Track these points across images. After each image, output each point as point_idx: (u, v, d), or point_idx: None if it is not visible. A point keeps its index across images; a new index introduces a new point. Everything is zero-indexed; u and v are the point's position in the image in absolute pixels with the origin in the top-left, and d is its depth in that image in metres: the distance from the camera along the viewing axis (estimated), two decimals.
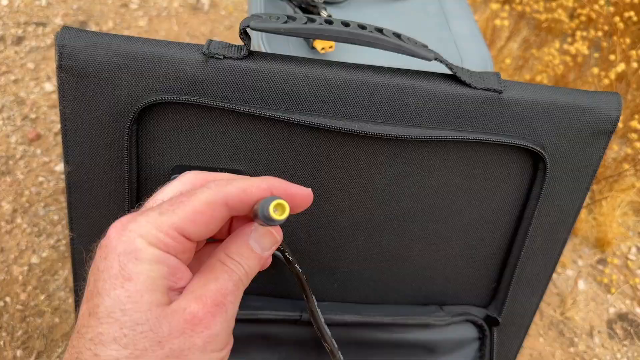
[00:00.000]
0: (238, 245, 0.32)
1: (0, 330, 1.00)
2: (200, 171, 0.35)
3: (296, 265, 0.39)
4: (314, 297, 0.50)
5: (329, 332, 0.54)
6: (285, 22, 0.45)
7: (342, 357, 0.55)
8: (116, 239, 0.29)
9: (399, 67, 0.50)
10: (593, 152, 0.53)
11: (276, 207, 0.30)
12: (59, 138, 1.32)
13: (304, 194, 0.34)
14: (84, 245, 0.54)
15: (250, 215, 0.33)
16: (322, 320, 0.53)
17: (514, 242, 0.57)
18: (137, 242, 0.29)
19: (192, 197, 0.30)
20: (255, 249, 0.33)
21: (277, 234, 0.34)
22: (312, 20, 0.45)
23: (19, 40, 1.53)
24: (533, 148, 0.51)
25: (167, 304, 0.29)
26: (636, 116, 1.43)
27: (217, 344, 0.29)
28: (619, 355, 1.16)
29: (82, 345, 0.28)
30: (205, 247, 0.37)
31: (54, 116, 1.36)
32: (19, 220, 1.16)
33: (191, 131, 0.48)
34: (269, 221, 0.30)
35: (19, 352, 0.98)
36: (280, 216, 0.30)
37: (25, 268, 1.09)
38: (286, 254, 0.37)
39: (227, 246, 0.32)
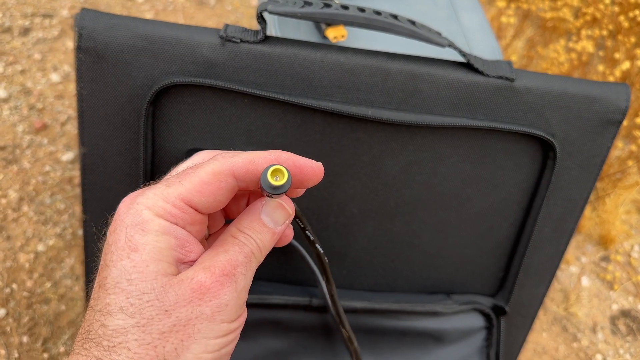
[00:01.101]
0: (250, 220, 0.32)
1: (7, 317, 1.01)
2: (212, 150, 0.35)
3: (317, 245, 0.38)
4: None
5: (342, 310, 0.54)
6: (302, 6, 0.45)
7: (358, 346, 0.55)
8: (124, 212, 0.29)
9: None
10: (602, 142, 0.54)
11: (274, 173, 0.29)
12: (66, 128, 1.32)
13: (313, 167, 0.33)
14: (97, 228, 0.55)
15: (259, 189, 0.32)
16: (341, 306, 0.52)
17: (523, 231, 0.58)
18: (144, 213, 0.29)
19: (198, 168, 0.30)
20: (267, 223, 0.32)
21: (289, 207, 0.33)
22: (329, 6, 0.46)
23: (25, 31, 1.54)
24: (543, 136, 0.51)
25: (174, 274, 0.29)
26: None
27: (227, 314, 0.29)
28: (621, 351, 1.17)
29: (92, 317, 0.28)
30: (223, 228, 0.37)
31: (61, 106, 1.36)
32: (25, 209, 1.16)
33: (206, 114, 0.49)
34: (271, 189, 0.29)
35: (25, 338, 0.99)
36: (279, 182, 0.29)
37: (32, 255, 1.09)
38: (307, 232, 0.37)
39: (239, 221, 0.32)
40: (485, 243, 0.59)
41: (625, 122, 1.47)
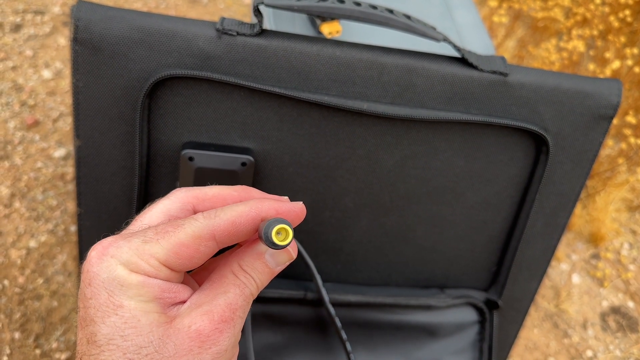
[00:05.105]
0: (253, 258, 0.31)
1: None
2: (191, 188, 0.34)
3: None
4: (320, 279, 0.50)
5: (333, 311, 0.55)
6: None
7: (345, 336, 0.55)
8: (97, 265, 0.28)
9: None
10: (594, 136, 0.54)
11: (279, 231, 0.29)
12: (58, 124, 1.31)
13: (296, 210, 0.32)
14: (92, 222, 0.55)
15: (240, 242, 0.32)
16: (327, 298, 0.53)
17: (516, 225, 0.58)
18: (119, 269, 0.28)
19: (178, 228, 0.29)
20: (269, 264, 0.32)
21: (293, 251, 0.33)
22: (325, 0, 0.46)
23: (17, 27, 1.53)
24: (536, 131, 0.51)
25: (167, 322, 0.28)
26: (630, 112, 1.45)
27: (226, 357, 0.29)
28: (611, 347, 1.18)
29: None
30: (212, 261, 0.36)
31: (53, 103, 1.36)
32: (17, 205, 1.16)
33: (202, 107, 0.49)
34: (273, 246, 0.29)
35: (17, 335, 0.98)
36: (284, 241, 0.29)
37: (24, 252, 1.09)
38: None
39: (242, 257, 0.31)
40: (479, 237, 0.59)
41: (615, 121, 1.48)
